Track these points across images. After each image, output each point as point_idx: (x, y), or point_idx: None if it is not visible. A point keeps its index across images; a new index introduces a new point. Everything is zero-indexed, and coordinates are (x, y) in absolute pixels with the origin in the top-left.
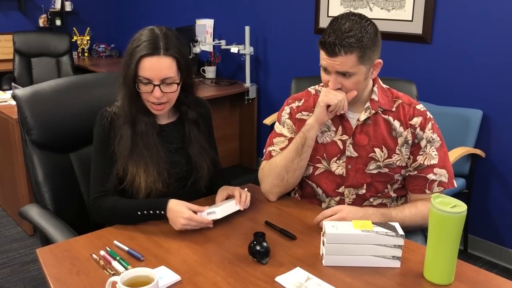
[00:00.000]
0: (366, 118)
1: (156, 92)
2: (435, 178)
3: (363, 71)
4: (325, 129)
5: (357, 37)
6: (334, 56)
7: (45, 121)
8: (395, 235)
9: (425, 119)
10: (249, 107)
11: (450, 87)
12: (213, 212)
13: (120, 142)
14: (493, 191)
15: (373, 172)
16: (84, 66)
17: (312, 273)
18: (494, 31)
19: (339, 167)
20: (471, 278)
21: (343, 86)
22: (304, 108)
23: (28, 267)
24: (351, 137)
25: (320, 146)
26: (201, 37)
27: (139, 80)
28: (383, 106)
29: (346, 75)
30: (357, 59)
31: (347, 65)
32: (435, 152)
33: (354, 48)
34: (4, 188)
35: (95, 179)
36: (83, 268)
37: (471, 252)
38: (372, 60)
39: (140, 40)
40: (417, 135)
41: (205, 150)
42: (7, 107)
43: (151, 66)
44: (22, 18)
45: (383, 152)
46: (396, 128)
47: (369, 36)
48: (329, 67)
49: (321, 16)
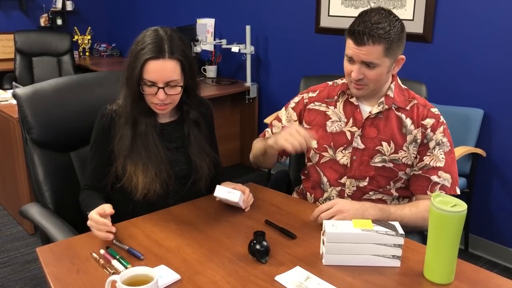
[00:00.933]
0: (378, 112)
1: (160, 95)
2: (439, 181)
3: (387, 64)
4: (336, 119)
5: (385, 29)
6: (362, 45)
7: (45, 120)
8: (395, 234)
9: (437, 122)
10: (250, 106)
11: (451, 86)
12: (232, 193)
13: (120, 141)
14: (494, 191)
15: (378, 165)
16: (85, 65)
17: (312, 272)
18: (495, 30)
19: (344, 157)
20: (471, 278)
21: (365, 77)
22: (318, 98)
23: (29, 266)
24: (360, 129)
25: (329, 135)
26: (202, 36)
27: (143, 82)
28: (397, 103)
29: (371, 66)
30: (383, 51)
31: (373, 55)
32: (443, 155)
33: (382, 39)
34: (5, 187)
35: (86, 172)
36: (83, 267)
37: (471, 252)
38: (396, 55)
39: (145, 42)
40: (427, 135)
41: (205, 151)
42: (8, 106)
43: (155, 69)
44: (23, 18)
45: (390, 146)
46: (407, 126)
47: (397, 30)
48: (355, 56)
49: (322, 16)
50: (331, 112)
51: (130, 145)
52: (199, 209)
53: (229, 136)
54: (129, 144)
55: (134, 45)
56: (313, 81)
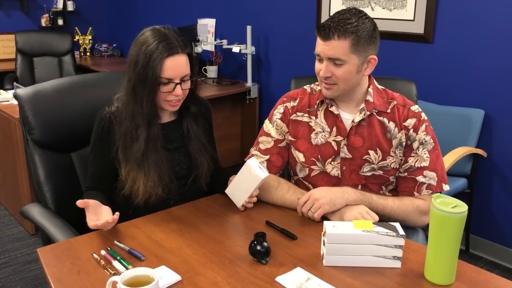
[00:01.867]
0: (361, 120)
1: (178, 90)
2: (424, 180)
3: (355, 61)
4: (319, 130)
5: (352, 25)
6: (328, 39)
7: (46, 120)
8: (396, 235)
9: (418, 121)
10: (250, 106)
11: (452, 87)
12: (262, 169)
13: (132, 145)
14: (494, 191)
15: (367, 175)
16: (86, 65)
17: (313, 273)
18: (496, 30)
19: (334, 168)
20: (472, 279)
21: (333, 75)
22: (299, 108)
23: (29, 267)
24: (345, 138)
25: (315, 148)
26: (202, 36)
27: (160, 81)
28: (378, 107)
29: (337, 62)
30: (350, 46)
31: (339, 50)
32: (427, 154)
33: (348, 34)
34: (6, 187)
35: (87, 175)
36: (83, 268)
37: (472, 252)
38: (367, 54)
39: (154, 42)
40: (410, 136)
41: (205, 147)
42: (9, 106)
43: (172, 65)
44: (24, 18)
45: (378, 154)
46: (391, 130)
47: (366, 28)
48: (322, 53)
49: (323, 16)
50: (313, 123)
51: (144, 149)
52: (200, 210)
53: (229, 137)
54: (144, 148)
55: (139, 47)
56: (304, 82)
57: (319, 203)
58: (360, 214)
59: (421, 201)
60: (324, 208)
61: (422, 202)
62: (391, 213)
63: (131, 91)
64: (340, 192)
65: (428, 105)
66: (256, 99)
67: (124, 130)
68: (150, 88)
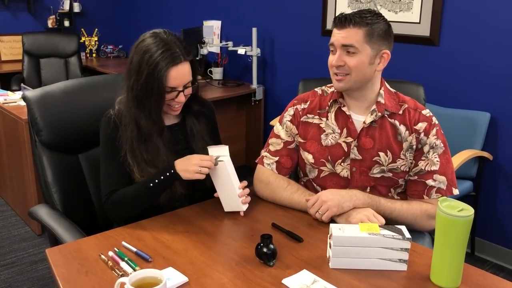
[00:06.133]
0: (372, 121)
1: (181, 98)
2: (434, 184)
3: (368, 51)
4: (330, 131)
5: (367, 18)
6: (344, 27)
7: (54, 122)
8: (402, 238)
9: (430, 125)
10: (255, 108)
11: (457, 90)
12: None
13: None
14: (500, 194)
15: (377, 176)
16: (92, 66)
17: (319, 275)
18: (502, 33)
19: (344, 169)
20: (478, 282)
21: (346, 64)
22: (310, 110)
23: (36, 267)
24: (356, 139)
25: (325, 149)
26: (208, 38)
27: (165, 90)
28: (389, 109)
29: (351, 50)
30: (364, 36)
31: (353, 38)
32: (437, 158)
33: (364, 24)
34: (13, 188)
35: (104, 181)
36: (91, 269)
37: (478, 255)
38: (380, 47)
39: (157, 51)
40: (421, 140)
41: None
42: (17, 107)
43: (176, 75)
44: (31, 19)
45: (388, 156)
46: (401, 133)
47: (381, 25)
48: (336, 41)
49: (329, 18)
50: (324, 124)
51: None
52: (207, 212)
53: (235, 138)
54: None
55: (141, 55)
56: (312, 84)
57: (327, 205)
58: (366, 217)
59: (429, 205)
60: (332, 211)
61: (430, 206)
62: (398, 216)
63: (135, 99)
64: (348, 195)
65: (434, 108)
66: (261, 101)
67: (129, 134)
68: (157, 98)
